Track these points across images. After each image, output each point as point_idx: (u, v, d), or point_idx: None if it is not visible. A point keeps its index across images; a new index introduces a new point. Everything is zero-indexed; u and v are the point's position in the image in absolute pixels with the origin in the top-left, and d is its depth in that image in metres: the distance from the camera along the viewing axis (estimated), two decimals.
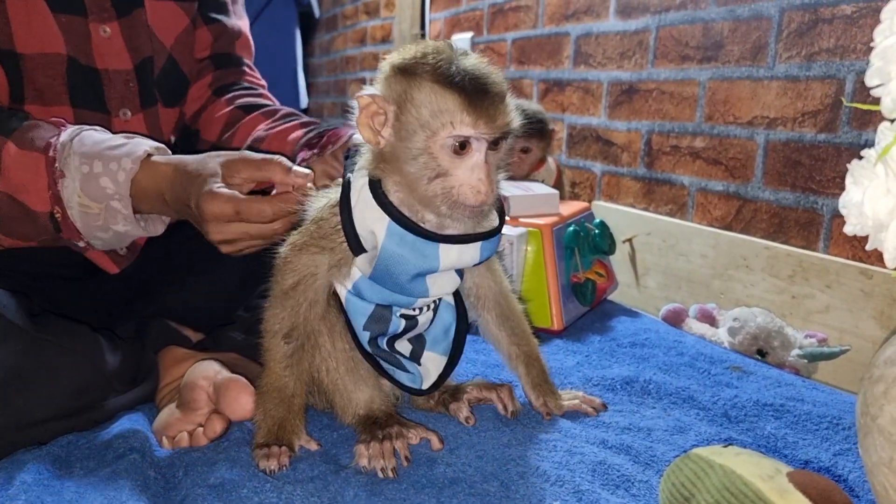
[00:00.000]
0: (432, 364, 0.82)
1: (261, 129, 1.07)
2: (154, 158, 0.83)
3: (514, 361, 0.88)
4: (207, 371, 0.84)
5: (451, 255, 0.73)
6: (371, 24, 3.09)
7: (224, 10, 1.16)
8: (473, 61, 0.68)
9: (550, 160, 1.52)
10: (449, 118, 0.66)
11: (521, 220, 1.24)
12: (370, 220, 0.71)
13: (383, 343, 0.79)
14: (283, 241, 0.76)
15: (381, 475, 0.70)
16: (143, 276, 1.02)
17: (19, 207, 0.82)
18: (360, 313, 0.77)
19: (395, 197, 0.71)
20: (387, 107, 0.69)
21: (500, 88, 0.68)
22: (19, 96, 0.93)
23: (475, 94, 0.66)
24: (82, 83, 0.96)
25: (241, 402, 0.79)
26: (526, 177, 1.43)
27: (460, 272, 0.79)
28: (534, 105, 1.49)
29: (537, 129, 1.39)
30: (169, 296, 1.05)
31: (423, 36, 2.54)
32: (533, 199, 1.28)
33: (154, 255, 1.02)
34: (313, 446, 0.77)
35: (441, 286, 0.77)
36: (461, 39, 2.26)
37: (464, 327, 0.84)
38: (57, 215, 0.82)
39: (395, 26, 2.68)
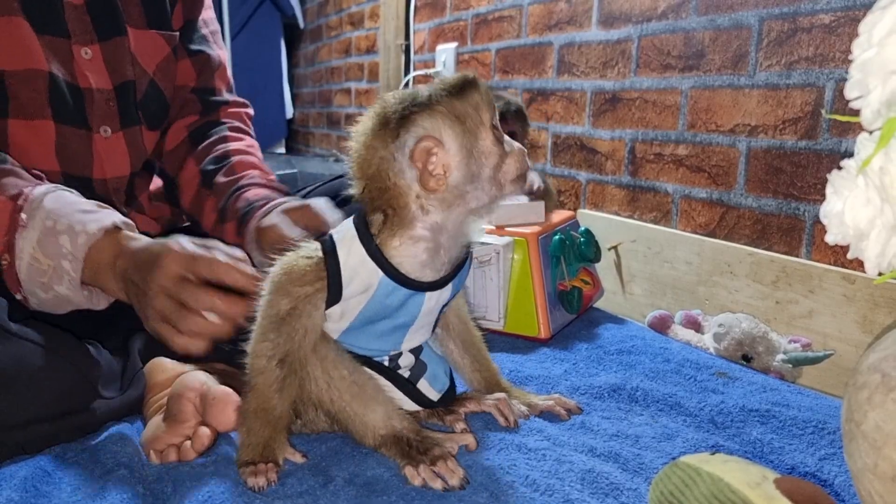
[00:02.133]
0: (425, 389, 0.82)
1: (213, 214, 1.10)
2: (123, 233, 0.83)
3: (476, 386, 0.90)
4: (194, 382, 0.83)
5: (431, 301, 0.76)
6: (356, 35, 3.10)
7: (205, 42, 1.19)
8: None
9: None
10: (484, 111, 0.72)
11: (507, 229, 1.24)
12: (363, 274, 0.72)
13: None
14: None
15: (443, 490, 0.70)
16: None
17: None
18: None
19: (398, 251, 0.73)
20: (438, 138, 0.70)
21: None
22: (3, 111, 0.93)
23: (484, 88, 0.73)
24: (64, 99, 0.97)
25: (229, 413, 0.79)
26: None
27: (434, 323, 0.82)
28: (513, 98, 1.52)
29: (520, 115, 1.44)
30: None
31: (407, 47, 2.54)
32: (518, 208, 1.29)
33: None
34: (299, 459, 0.77)
35: (413, 341, 0.80)
36: (445, 50, 2.27)
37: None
38: (3, 263, 0.81)
39: (380, 37, 2.69)
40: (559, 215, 1.38)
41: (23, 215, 0.80)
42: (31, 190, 0.82)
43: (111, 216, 0.83)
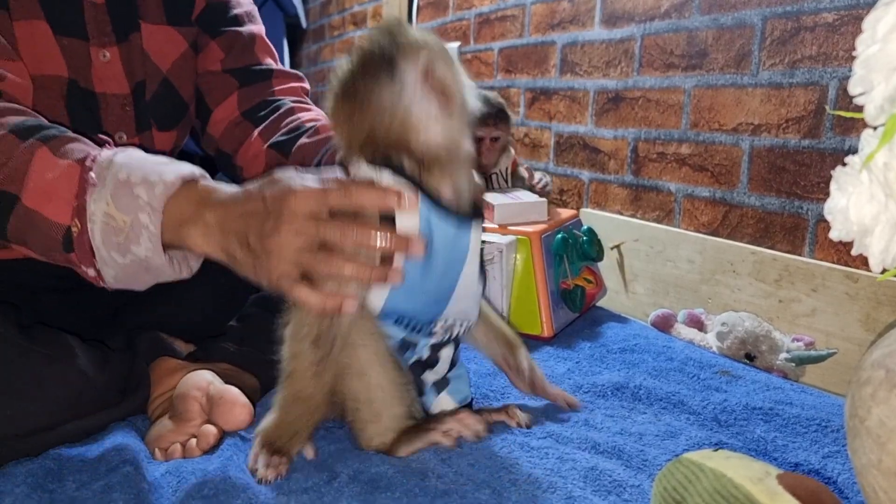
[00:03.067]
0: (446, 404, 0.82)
1: None
2: (203, 182, 0.74)
3: (504, 355, 0.91)
4: (200, 382, 0.84)
5: (476, 238, 0.74)
6: (358, 35, 3.10)
7: (237, 21, 1.12)
8: None
9: (512, 151, 1.56)
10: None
11: (510, 228, 1.24)
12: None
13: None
14: None
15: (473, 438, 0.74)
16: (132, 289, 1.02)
17: (34, 218, 0.73)
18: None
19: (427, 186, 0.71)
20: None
21: None
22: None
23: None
24: (81, 106, 0.95)
25: (235, 413, 0.79)
26: (494, 164, 1.47)
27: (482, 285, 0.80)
28: (492, 94, 1.50)
29: (503, 116, 1.42)
30: (159, 307, 1.05)
31: None
32: (521, 206, 1.29)
33: None
34: (310, 453, 0.77)
35: (462, 303, 0.77)
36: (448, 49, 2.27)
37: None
38: (74, 230, 0.72)
39: None
40: (561, 214, 1.38)
41: (92, 174, 0.71)
42: (100, 152, 0.74)
43: (189, 166, 0.74)
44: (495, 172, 1.49)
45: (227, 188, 0.73)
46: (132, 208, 0.70)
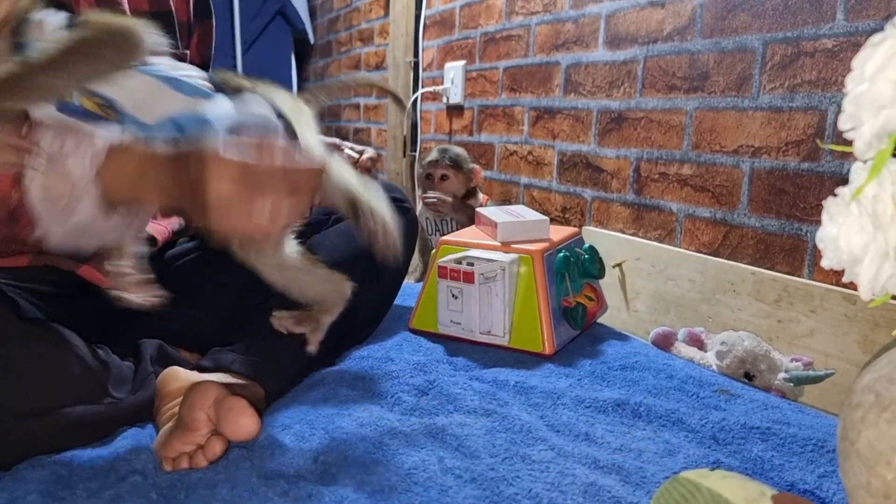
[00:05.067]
0: None
1: None
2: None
3: None
4: (207, 392, 0.85)
5: None
6: (365, 51, 3.13)
7: None
8: None
9: (481, 197, 1.73)
10: None
11: (513, 245, 1.26)
12: None
13: None
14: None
15: None
16: None
17: None
18: None
19: None
20: None
21: None
22: None
23: None
24: None
25: (243, 423, 0.81)
26: (447, 207, 1.81)
27: None
28: (456, 148, 1.86)
29: (454, 164, 1.78)
30: (165, 318, 1.07)
31: (416, 64, 2.58)
32: (523, 224, 1.31)
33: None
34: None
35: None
36: (453, 67, 2.30)
37: None
38: (12, 201, 0.74)
39: (389, 53, 2.72)
40: (563, 232, 1.40)
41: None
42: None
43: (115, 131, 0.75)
44: (448, 219, 1.72)
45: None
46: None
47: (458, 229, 1.73)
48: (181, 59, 1.11)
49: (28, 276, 0.94)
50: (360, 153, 1.40)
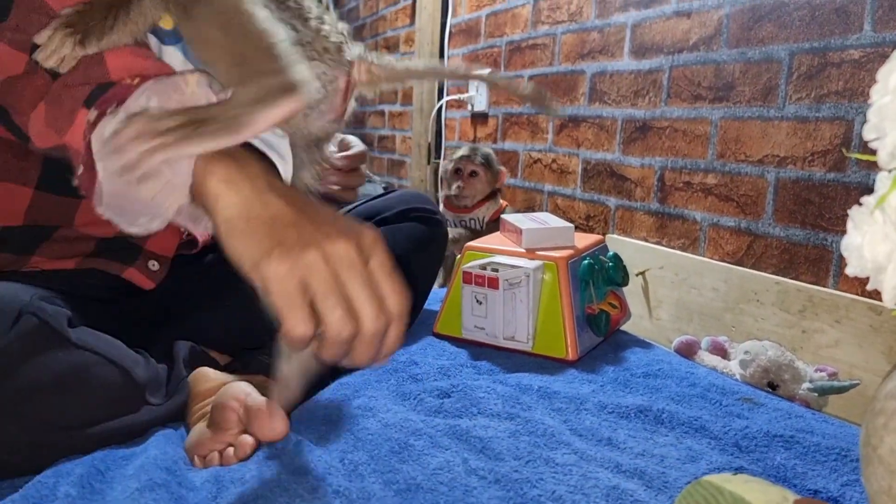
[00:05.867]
0: None
1: None
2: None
3: None
4: (238, 393, 0.87)
5: None
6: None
7: None
8: None
9: (501, 202, 1.74)
10: None
11: (537, 252, 1.28)
12: None
13: None
14: None
15: None
16: (172, 300, 1.07)
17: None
18: None
19: None
20: None
21: None
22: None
23: None
24: None
25: (273, 424, 0.82)
26: (472, 199, 1.81)
27: None
28: (487, 148, 1.86)
29: (485, 162, 1.77)
30: (197, 319, 1.10)
31: None
32: (548, 231, 1.32)
33: (183, 279, 1.07)
34: None
35: None
36: None
37: None
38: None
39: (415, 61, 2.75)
40: (588, 239, 1.41)
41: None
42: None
43: None
44: (474, 218, 1.69)
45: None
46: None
47: (481, 230, 1.74)
48: None
49: (74, 278, 0.97)
50: (347, 146, 1.24)
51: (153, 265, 1.03)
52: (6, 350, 0.77)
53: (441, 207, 1.83)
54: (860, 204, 0.51)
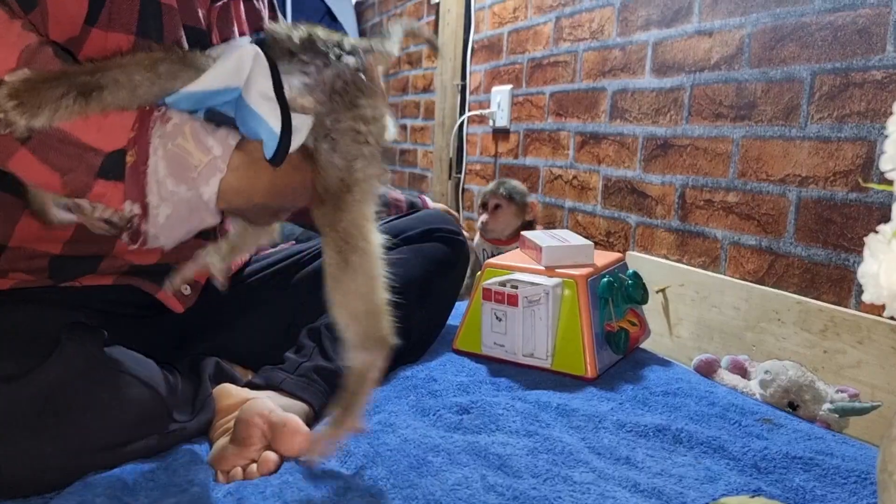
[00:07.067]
0: None
1: None
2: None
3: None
4: (262, 408, 0.89)
5: None
6: (413, 74, 3.19)
7: None
8: None
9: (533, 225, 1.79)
10: None
11: (557, 270, 1.28)
12: None
13: None
14: None
15: None
16: (200, 317, 1.09)
17: (65, 138, 0.71)
18: None
19: None
20: None
21: None
22: (93, 18, 0.86)
23: None
24: (152, 15, 0.91)
25: (296, 440, 0.84)
26: (502, 233, 1.79)
27: None
28: (515, 182, 1.83)
29: (511, 197, 1.77)
30: (222, 335, 1.12)
31: (463, 87, 2.62)
32: (567, 249, 1.33)
33: (210, 298, 1.09)
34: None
35: None
36: (500, 91, 2.34)
37: None
38: (129, 158, 0.72)
39: (437, 77, 2.77)
40: (608, 257, 1.41)
41: (157, 113, 0.74)
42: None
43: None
44: (504, 248, 1.74)
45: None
46: (206, 149, 0.74)
47: None
48: None
49: (109, 294, 0.99)
50: None
51: (186, 289, 1.05)
52: (46, 375, 0.79)
53: (478, 238, 1.84)
54: (877, 231, 0.52)
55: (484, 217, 1.79)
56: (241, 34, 1.09)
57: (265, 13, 1.16)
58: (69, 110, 0.68)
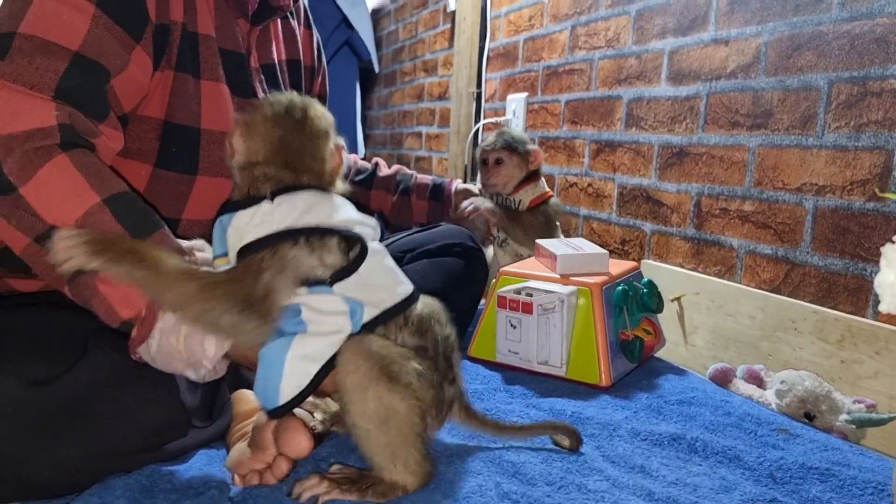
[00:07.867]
0: None
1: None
2: None
3: None
4: None
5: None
6: (428, 81, 3.21)
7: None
8: None
9: (543, 182, 1.64)
10: None
11: (572, 278, 1.29)
12: None
13: None
14: None
15: None
16: None
17: (104, 300, 0.81)
18: None
19: None
20: None
21: None
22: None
23: None
24: (189, 47, 1.03)
25: (297, 440, 0.84)
26: (504, 186, 1.67)
27: None
28: (514, 130, 1.74)
29: (507, 146, 1.65)
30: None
31: (478, 94, 2.63)
32: (582, 257, 1.33)
33: None
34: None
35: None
36: (516, 99, 2.34)
37: None
38: (134, 335, 0.82)
39: (453, 84, 2.79)
40: (623, 265, 1.41)
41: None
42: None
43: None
44: (512, 199, 1.62)
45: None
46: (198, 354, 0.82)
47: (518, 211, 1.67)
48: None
49: None
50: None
51: None
52: (74, 381, 0.81)
53: (478, 186, 1.71)
54: (893, 241, 0.52)
55: (484, 175, 1.67)
56: (278, 53, 1.17)
57: (299, 31, 1.20)
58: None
